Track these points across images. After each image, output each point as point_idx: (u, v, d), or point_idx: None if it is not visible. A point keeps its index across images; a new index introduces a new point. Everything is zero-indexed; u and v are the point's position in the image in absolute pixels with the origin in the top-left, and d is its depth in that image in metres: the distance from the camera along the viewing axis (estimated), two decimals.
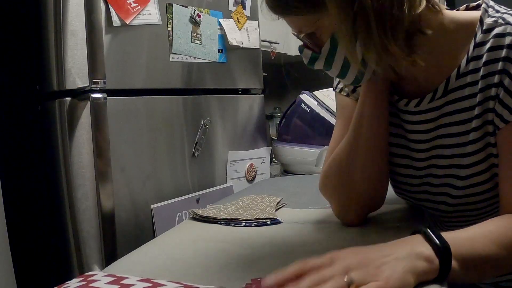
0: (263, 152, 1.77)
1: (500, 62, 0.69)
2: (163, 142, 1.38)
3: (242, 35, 1.65)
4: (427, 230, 0.60)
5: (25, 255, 1.26)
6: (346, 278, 0.52)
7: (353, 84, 0.80)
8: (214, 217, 0.97)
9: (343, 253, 0.58)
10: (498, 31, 0.70)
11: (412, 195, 0.90)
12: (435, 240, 0.58)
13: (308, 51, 0.76)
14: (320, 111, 1.76)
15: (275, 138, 1.99)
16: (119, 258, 0.80)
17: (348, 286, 0.52)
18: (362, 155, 0.82)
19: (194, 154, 1.47)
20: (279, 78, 2.48)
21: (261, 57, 1.78)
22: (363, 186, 0.84)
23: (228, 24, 1.59)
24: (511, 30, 0.69)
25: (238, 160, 1.65)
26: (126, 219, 1.25)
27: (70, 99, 1.17)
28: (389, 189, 0.90)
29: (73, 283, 0.58)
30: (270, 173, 1.83)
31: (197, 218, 1.00)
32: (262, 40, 1.81)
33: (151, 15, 1.32)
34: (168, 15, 1.38)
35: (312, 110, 1.78)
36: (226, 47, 1.59)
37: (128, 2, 1.26)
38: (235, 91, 1.67)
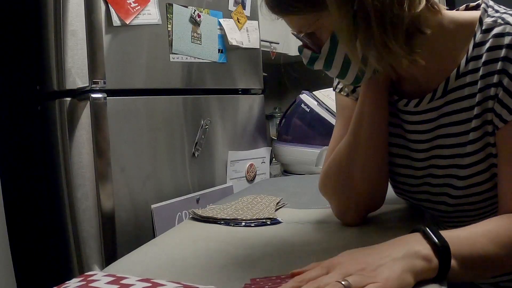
0: (263, 152, 1.77)
1: (499, 62, 0.69)
2: (163, 142, 1.38)
3: (242, 35, 1.65)
4: (426, 228, 0.60)
5: (25, 255, 1.26)
6: (344, 282, 0.52)
7: (353, 84, 0.80)
8: (214, 217, 0.97)
9: (339, 259, 0.58)
10: (497, 31, 0.70)
11: (411, 195, 0.90)
12: (434, 239, 0.58)
13: (308, 51, 0.76)
14: (320, 111, 1.76)
15: (275, 138, 1.99)
16: (119, 258, 0.80)
17: None
18: (361, 155, 0.82)
19: (194, 154, 1.47)
20: (279, 78, 2.49)
21: (261, 57, 1.78)
22: (363, 186, 0.84)
23: (228, 24, 1.59)
24: (510, 30, 0.69)
25: (238, 160, 1.65)
26: (126, 219, 1.25)
27: (70, 99, 1.17)
28: (389, 189, 0.90)
29: (73, 283, 0.58)
30: (270, 173, 1.83)
31: (197, 218, 1.00)
32: (262, 40, 1.81)
33: (151, 15, 1.32)
34: (168, 15, 1.38)
35: (312, 110, 1.78)
36: (226, 47, 1.59)
37: (128, 2, 1.26)
38: (235, 91, 1.67)
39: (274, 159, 1.94)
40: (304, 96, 1.83)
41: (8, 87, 1.34)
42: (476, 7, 0.78)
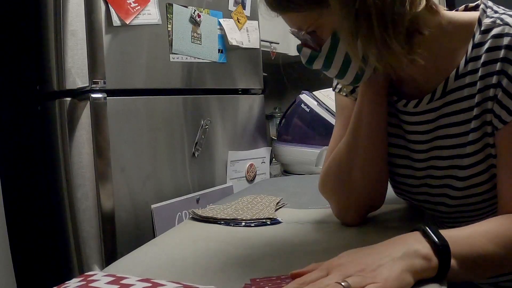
0: (263, 152, 1.77)
1: (498, 63, 0.69)
2: (163, 142, 1.38)
3: (242, 35, 1.65)
4: (426, 228, 0.60)
5: (25, 255, 1.26)
6: (344, 283, 0.52)
7: (351, 84, 0.80)
8: (214, 217, 0.97)
9: (339, 260, 0.58)
10: (496, 31, 0.70)
11: (411, 196, 0.89)
12: (434, 238, 0.58)
13: (307, 50, 0.75)
14: (320, 111, 1.76)
15: (275, 138, 1.99)
16: (119, 258, 0.80)
17: None
18: (361, 155, 0.82)
19: (194, 154, 1.47)
20: (279, 78, 2.48)
21: (261, 57, 1.78)
22: (362, 186, 0.84)
23: (228, 24, 1.59)
24: (509, 30, 0.69)
25: (238, 160, 1.65)
26: (126, 219, 1.25)
27: (70, 99, 1.17)
28: (389, 189, 0.90)
29: (73, 283, 0.58)
30: (270, 173, 1.83)
31: (197, 218, 1.00)
32: (262, 40, 1.81)
33: (151, 15, 1.32)
34: (168, 15, 1.38)
35: (312, 110, 1.78)
36: (226, 47, 1.59)
37: (128, 2, 1.26)
38: (235, 91, 1.67)
39: (274, 159, 1.94)
40: (304, 96, 1.83)
41: (8, 87, 1.34)
42: (475, 8, 0.78)
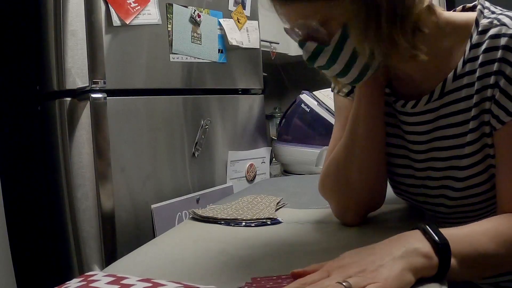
0: (263, 152, 1.77)
1: (495, 63, 0.69)
2: (163, 142, 1.38)
3: (242, 35, 1.65)
4: (426, 226, 0.60)
5: (25, 255, 1.26)
6: (345, 283, 0.52)
7: (352, 83, 0.78)
8: (214, 217, 0.97)
9: (340, 262, 0.58)
10: (493, 32, 0.70)
11: (410, 196, 0.89)
12: (434, 236, 0.58)
13: (312, 44, 0.71)
14: (320, 111, 1.76)
15: (275, 138, 1.99)
16: (119, 258, 0.80)
17: None
18: (358, 155, 0.82)
19: (194, 154, 1.47)
20: (279, 78, 2.48)
21: (261, 57, 1.78)
22: (361, 186, 0.84)
23: (228, 24, 1.59)
24: (506, 31, 0.69)
25: (238, 160, 1.65)
26: (126, 219, 1.25)
27: (70, 99, 1.17)
28: (389, 189, 0.90)
29: (73, 283, 0.58)
30: (270, 173, 1.83)
31: (197, 218, 1.00)
32: (262, 40, 1.81)
33: (151, 15, 1.32)
34: (168, 15, 1.38)
35: (312, 110, 1.78)
36: (226, 47, 1.59)
37: (128, 2, 1.26)
38: (235, 91, 1.67)
39: (274, 159, 1.94)
40: (304, 96, 1.83)
41: (8, 87, 1.34)
42: (473, 8, 0.78)
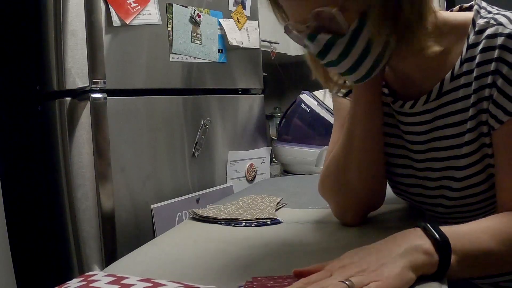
0: (263, 152, 1.77)
1: (492, 63, 0.69)
2: (163, 142, 1.38)
3: (242, 35, 1.65)
4: (427, 224, 0.60)
5: (25, 255, 1.26)
6: (347, 282, 0.52)
7: (359, 81, 0.75)
8: (214, 217, 0.97)
9: (342, 262, 0.58)
10: (490, 32, 0.70)
11: (409, 196, 0.90)
12: (435, 234, 0.58)
13: (325, 36, 0.68)
14: (320, 111, 1.77)
15: (275, 138, 2.00)
16: (119, 258, 0.80)
17: None
18: (357, 155, 0.82)
19: (194, 154, 1.47)
20: (279, 78, 2.49)
21: (261, 57, 1.78)
22: (360, 186, 0.84)
23: (228, 24, 1.59)
24: (502, 30, 0.69)
25: (238, 160, 1.65)
26: (126, 219, 1.25)
27: (70, 99, 1.17)
28: (388, 189, 0.90)
29: (73, 283, 0.58)
30: (270, 173, 1.83)
31: (197, 218, 1.00)
32: (262, 40, 1.81)
33: (151, 15, 1.32)
34: (168, 15, 1.38)
35: (312, 110, 1.79)
36: (226, 47, 1.59)
37: (128, 2, 1.26)
38: (235, 91, 1.67)
39: (274, 159, 1.94)
40: (304, 96, 1.83)
41: (8, 87, 1.34)
42: (470, 8, 0.78)
